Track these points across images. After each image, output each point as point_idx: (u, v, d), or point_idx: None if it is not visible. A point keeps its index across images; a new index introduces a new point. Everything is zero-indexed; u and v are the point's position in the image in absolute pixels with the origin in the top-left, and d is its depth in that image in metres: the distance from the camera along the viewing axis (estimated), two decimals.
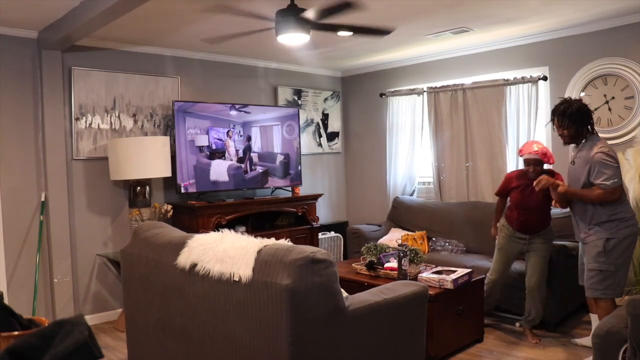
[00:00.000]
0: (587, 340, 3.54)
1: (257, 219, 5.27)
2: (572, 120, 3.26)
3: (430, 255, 4.73)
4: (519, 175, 3.83)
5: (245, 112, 5.25)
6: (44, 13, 3.72)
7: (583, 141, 3.31)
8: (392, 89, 6.05)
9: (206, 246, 2.50)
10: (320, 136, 6.43)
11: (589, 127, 3.30)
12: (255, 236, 2.55)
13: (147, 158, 4.32)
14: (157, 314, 2.76)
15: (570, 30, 4.66)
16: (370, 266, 3.90)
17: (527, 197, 3.70)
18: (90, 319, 4.40)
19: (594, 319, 3.47)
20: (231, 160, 5.13)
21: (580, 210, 3.37)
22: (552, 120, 3.38)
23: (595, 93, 4.54)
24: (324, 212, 6.32)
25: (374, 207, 6.38)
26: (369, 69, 6.34)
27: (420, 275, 3.60)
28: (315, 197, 5.67)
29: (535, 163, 3.61)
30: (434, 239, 5.15)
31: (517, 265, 4.19)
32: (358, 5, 3.40)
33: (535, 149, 3.62)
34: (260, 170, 5.37)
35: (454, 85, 5.44)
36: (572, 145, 3.46)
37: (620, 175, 3.21)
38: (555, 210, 3.84)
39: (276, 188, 5.59)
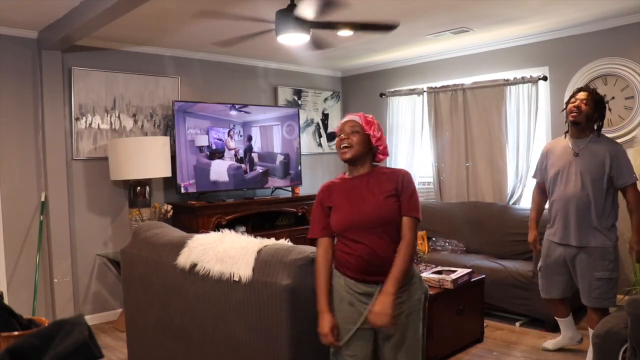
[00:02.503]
0: (556, 343, 3.54)
1: (257, 219, 5.27)
2: (595, 102, 3.11)
3: (430, 255, 4.73)
4: (338, 182, 2.26)
5: (245, 112, 5.25)
6: (44, 13, 3.72)
7: (591, 135, 3.13)
8: (392, 89, 6.05)
9: (206, 246, 2.50)
10: (320, 136, 6.43)
11: (600, 123, 3.16)
12: (255, 236, 2.55)
13: (147, 158, 4.32)
14: (157, 314, 2.76)
15: (570, 30, 4.66)
16: None
17: (357, 203, 2.14)
18: (90, 319, 4.39)
19: (564, 323, 3.45)
20: (231, 160, 5.12)
21: (586, 208, 3.07)
22: (575, 94, 3.17)
23: None
24: None
25: None
26: (369, 69, 6.34)
27: (420, 275, 3.59)
28: (315, 197, 5.66)
29: (351, 131, 2.19)
30: (434, 239, 5.15)
31: (517, 264, 4.20)
32: (345, 4, 3.36)
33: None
34: (260, 170, 5.37)
35: (454, 85, 5.44)
36: (567, 138, 3.24)
37: None
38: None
39: (276, 188, 5.59)
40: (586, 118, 3.09)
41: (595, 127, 3.14)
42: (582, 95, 3.12)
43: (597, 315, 3.08)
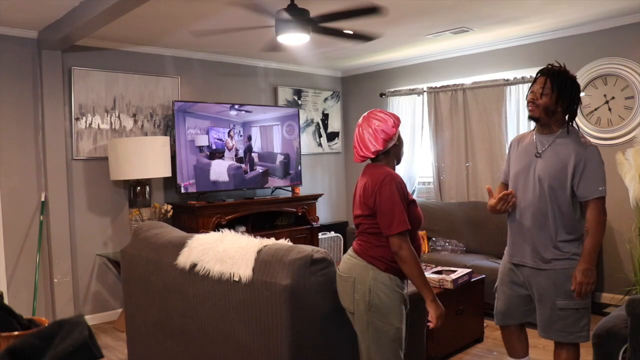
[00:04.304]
0: None
1: (257, 219, 5.27)
2: (562, 90, 2.35)
3: (430, 255, 4.73)
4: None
5: (245, 112, 5.25)
6: (44, 13, 3.72)
7: (559, 131, 2.42)
8: (392, 89, 6.05)
9: (206, 246, 2.50)
10: (320, 136, 6.43)
11: (571, 114, 2.42)
12: (255, 236, 2.55)
13: (147, 158, 4.32)
14: (157, 314, 2.76)
15: (570, 30, 4.66)
16: None
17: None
18: (90, 319, 4.39)
19: None
20: (231, 160, 5.13)
21: (542, 222, 2.42)
22: (535, 79, 2.44)
23: (595, 93, 4.54)
24: (324, 212, 6.32)
25: None
26: (369, 69, 6.34)
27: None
28: (315, 197, 5.67)
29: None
30: (434, 239, 5.15)
31: None
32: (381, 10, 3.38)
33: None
34: (260, 170, 5.37)
35: (454, 85, 5.44)
36: (531, 134, 2.58)
37: None
38: None
39: (276, 188, 5.59)
40: (545, 111, 2.38)
41: (567, 119, 2.43)
42: (539, 82, 2.41)
43: (565, 351, 2.46)
